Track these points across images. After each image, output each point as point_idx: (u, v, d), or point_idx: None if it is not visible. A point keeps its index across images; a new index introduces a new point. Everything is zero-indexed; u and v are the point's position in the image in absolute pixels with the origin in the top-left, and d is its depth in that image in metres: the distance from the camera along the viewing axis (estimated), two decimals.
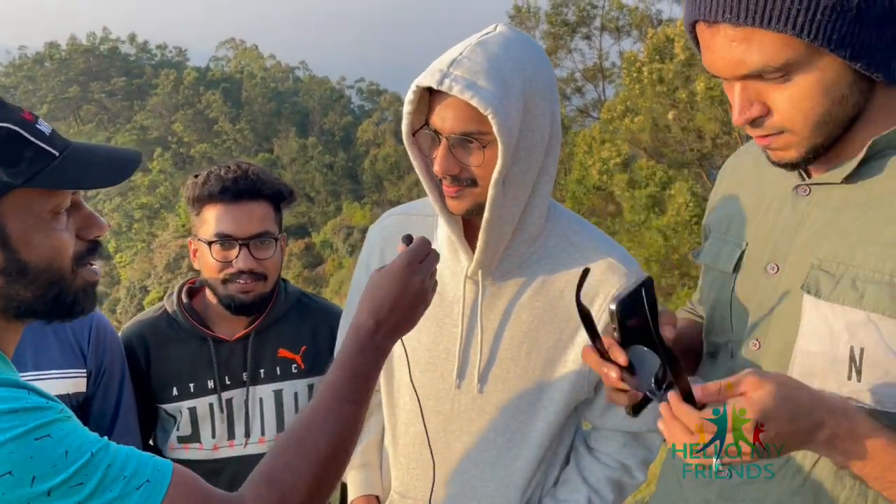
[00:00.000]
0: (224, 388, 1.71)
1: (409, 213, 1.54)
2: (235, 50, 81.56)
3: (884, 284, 0.95)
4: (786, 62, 0.92)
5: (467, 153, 1.25)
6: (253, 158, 59.59)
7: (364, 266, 1.55)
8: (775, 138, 1.00)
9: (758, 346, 1.10)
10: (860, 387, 0.98)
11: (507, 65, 1.21)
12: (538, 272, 1.39)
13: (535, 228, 1.37)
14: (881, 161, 1.00)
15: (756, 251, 1.13)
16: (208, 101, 66.84)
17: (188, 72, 71.23)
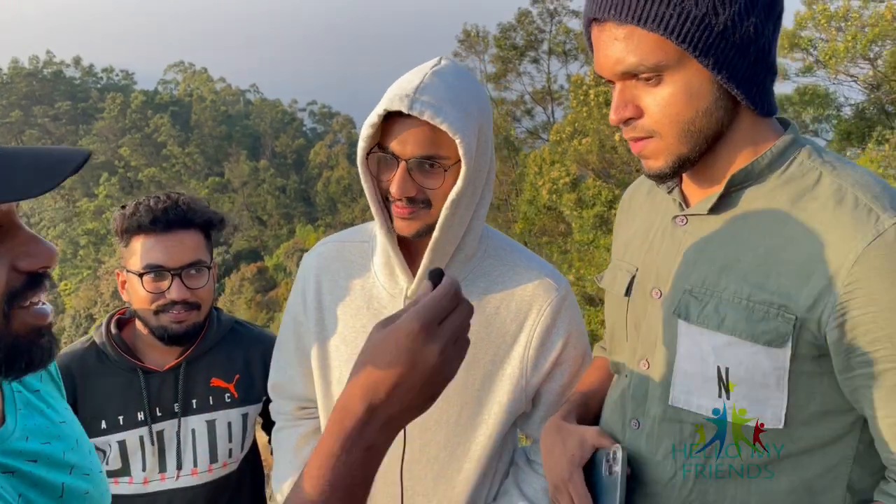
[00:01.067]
0: (155, 420, 1.69)
1: (345, 240, 1.57)
2: (184, 73, 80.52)
3: (741, 308, 1.05)
4: (658, 63, 1.02)
5: (425, 176, 1.31)
6: (203, 182, 58.77)
7: (299, 297, 1.56)
8: (646, 143, 1.09)
9: (647, 366, 1.20)
10: (730, 403, 1.08)
11: (464, 94, 1.30)
12: (474, 291, 1.45)
13: (472, 249, 1.44)
14: (739, 194, 1.11)
15: (644, 277, 1.23)
16: (156, 125, 65.75)
17: (135, 95, 69.98)
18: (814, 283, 1.01)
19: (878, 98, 16.84)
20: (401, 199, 1.32)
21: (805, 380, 1.05)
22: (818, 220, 1.03)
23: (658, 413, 1.17)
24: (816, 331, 1.02)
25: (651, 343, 1.19)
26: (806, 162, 1.08)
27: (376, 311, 1.47)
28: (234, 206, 53.35)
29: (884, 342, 0.98)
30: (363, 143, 1.33)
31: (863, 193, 1.02)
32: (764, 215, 1.08)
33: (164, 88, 78.48)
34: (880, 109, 16.83)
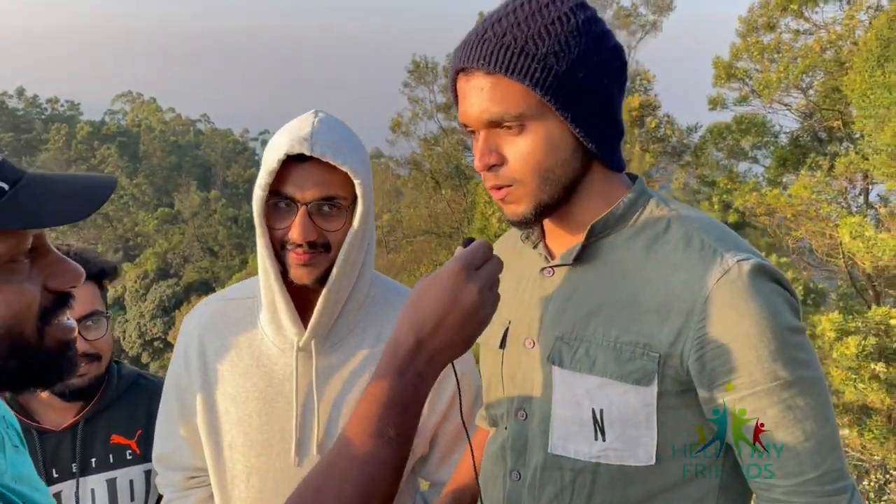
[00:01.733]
0: (51, 482, 1.64)
1: (228, 298, 1.55)
2: (132, 103, 79.34)
3: (610, 350, 1.12)
4: (521, 113, 1.10)
5: (325, 219, 1.32)
6: (152, 213, 57.69)
7: (181, 361, 1.52)
8: (508, 191, 1.16)
9: (525, 416, 1.24)
10: (605, 445, 1.14)
11: (353, 139, 1.35)
12: (366, 339, 1.44)
13: (363, 295, 1.44)
14: (598, 243, 1.19)
15: (517, 328, 1.28)
16: (103, 156, 64.46)
17: (81, 126, 68.58)
18: (672, 321, 1.09)
19: (811, 126, 17.63)
20: (301, 245, 1.32)
21: (671, 415, 1.12)
22: (670, 263, 1.12)
23: (538, 462, 1.21)
24: (679, 366, 1.10)
25: (527, 393, 1.24)
26: (655, 211, 1.19)
27: (266, 368, 1.44)
28: (184, 238, 52.43)
29: (739, 371, 1.06)
30: (262, 191, 1.32)
31: (707, 236, 1.13)
32: (623, 261, 1.16)
33: (112, 119, 77.10)
34: (813, 137, 17.61)
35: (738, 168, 18.29)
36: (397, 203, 27.97)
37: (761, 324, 1.05)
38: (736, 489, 1.17)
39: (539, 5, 1.11)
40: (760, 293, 1.06)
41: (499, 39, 1.09)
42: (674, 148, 18.87)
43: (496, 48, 1.09)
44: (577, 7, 1.12)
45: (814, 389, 1.08)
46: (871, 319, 10.31)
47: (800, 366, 1.07)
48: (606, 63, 1.13)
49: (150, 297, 46.73)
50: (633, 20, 20.98)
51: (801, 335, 1.09)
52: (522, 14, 1.10)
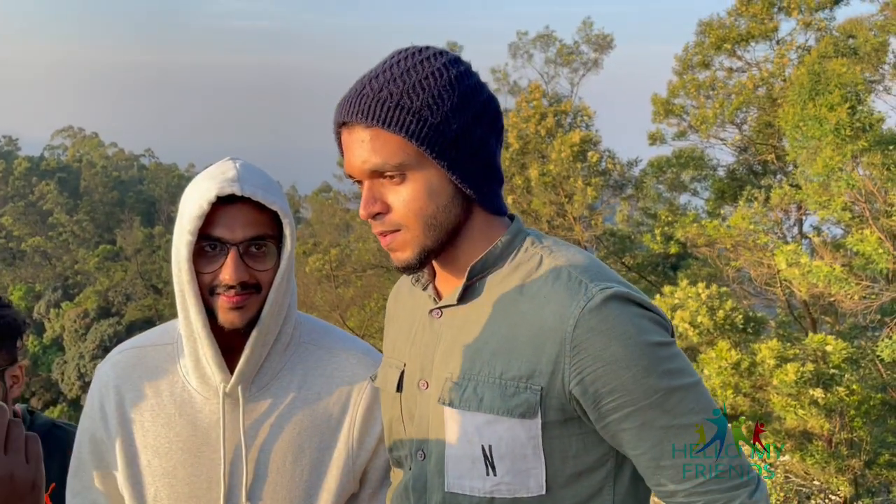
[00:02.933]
0: None
1: (145, 345, 1.51)
2: (73, 138, 77.54)
3: (495, 387, 1.17)
4: (401, 162, 1.16)
5: (254, 259, 1.34)
6: (93, 251, 56.09)
7: (97, 414, 1.47)
8: (394, 237, 1.21)
9: (423, 457, 1.27)
10: (497, 479, 1.17)
11: (273, 183, 1.37)
12: (293, 380, 1.44)
13: (287, 337, 1.44)
14: (480, 283, 1.24)
15: (411, 370, 1.31)
16: (42, 192, 62.62)
17: (19, 161, 66.60)
18: (548, 352, 1.15)
19: (746, 159, 18.28)
20: (233, 287, 1.32)
21: (557, 444, 1.17)
22: (542, 296, 1.18)
23: (438, 501, 1.24)
24: (561, 394, 1.15)
25: (424, 433, 1.27)
26: (530, 248, 1.24)
27: (190, 416, 1.42)
28: (126, 275, 51.01)
29: (619, 391, 1.12)
30: (192, 236, 1.31)
31: (573, 269, 1.19)
32: (502, 298, 1.22)
33: (52, 154, 75.14)
34: (749, 170, 18.26)
35: (679, 200, 18.80)
36: (346, 237, 27.85)
37: (628, 344, 1.11)
38: None
39: (414, 62, 1.17)
40: (623, 315, 1.13)
41: (375, 94, 1.15)
42: (616, 181, 19.30)
43: (373, 102, 1.15)
44: (449, 63, 1.18)
45: (693, 394, 1.15)
46: (809, 346, 10.63)
47: (675, 375, 1.14)
48: (480, 114, 1.19)
49: (90, 336, 45.17)
50: (575, 58, 21.54)
51: (669, 347, 1.16)
52: (398, 70, 1.17)
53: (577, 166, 17.40)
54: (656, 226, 17.33)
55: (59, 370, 44.76)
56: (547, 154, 17.91)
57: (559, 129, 18.48)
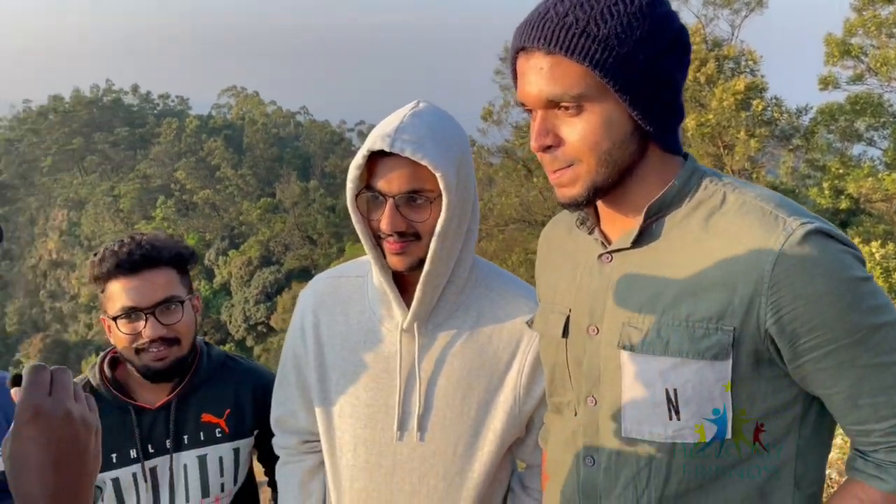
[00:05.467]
0: (147, 457, 1.71)
1: (340, 275, 1.63)
2: (237, 97, 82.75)
3: (681, 329, 1.11)
4: (580, 94, 1.09)
5: (412, 210, 1.37)
6: (255, 203, 60.08)
7: (297, 332, 1.61)
8: (563, 172, 1.16)
9: (594, 403, 1.24)
10: (681, 424, 1.14)
11: (442, 132, 1.37)
12: (466, 321, 1.50)
13: (462, 280, 1.49)
14: (657, 224, 1.18)
15: (578, 316, 1.27)
16: (210, 149, 67.66)
17: (190, 120, 72.21)
18: (742, 291, 1.09)
19: None
20: (392, 235, 1.38)
21: (746, 387, 1.12)
22: (731, 233, 1.11)
23: (612, 447, 1.22)
24: (756, 334, 1.10)
25: (595, 379, 1.24)
26: (710, 186, 1.18)
27: (373, 344, 1.52)
28: (285, 226, 54.39)
29: (820, 329, 1.07)
30: (351, 184, 1.40)
31: (766, 204, 1.12)
32: (683, 239, 1.15)
33: (218, 112, 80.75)
34: None
35: (852, 151, 17.21)
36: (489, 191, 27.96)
37: (832, 280, 1.06)
38: (815, 452, 1.18)
39: None
40: (826, 251, 1.07)
41: (560, 19, 1.08)
42: (782, 131, 17.90)
43: (557, 28, 1.08)
44: None
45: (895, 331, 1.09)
46: None
47: (878, 312, 1.08)
48: (669, 46, 1.12)
49: (253, 283, 48.78)
50: None
51: (871, 283, 1.10)
52: None
53: (741, 115, 16.28)
54: (825, 179, 16.01)
55: (226, 313, 48.81)
56: (706, 103, 16.90)
57: (720, 76, 17.36)
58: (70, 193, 69.43)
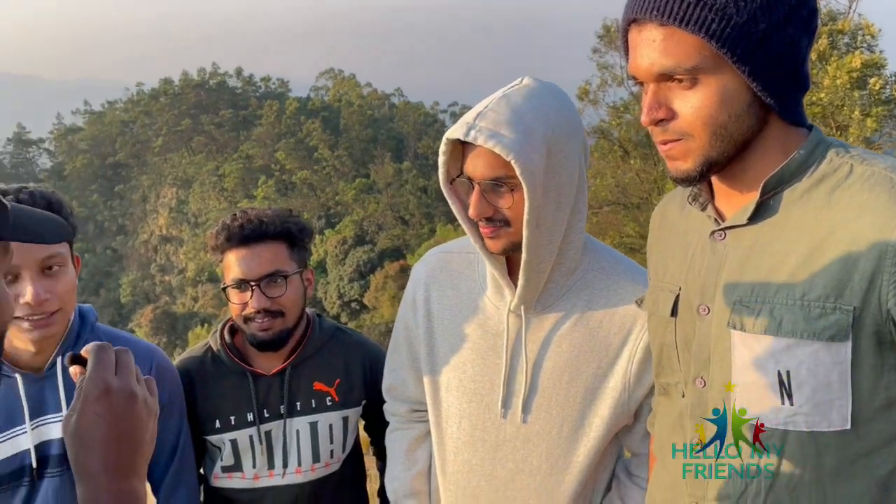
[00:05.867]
0: (263, 421, 1.79)
1: (452, 251, 1.64)
2: (334, 80, 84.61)
3: (796, 309, 1.05)
4: (695, 65, 1.03)
5: (498, 196, 1.35)
6: (350, 184, 61.46)
7: (409, 305, 1.64)
8: (675, 145, 1.10)
9: (703, 384, 1.19)
10: (794, 409, 1.07)
11: (529, 114, 1.32)
12: (577, 303, 1.47)
13: (573, 262, 1.46)
14: (775, 199, 1.11)
15: (688, 295, 1.22)
16: (308, 130, 69.58)
17: (290, 102, 74.46)
18: (863, 268, 1.01)
19: None
20: (481, 220, 1.38)
21: (867, 372, 1.04)
22: (856, 206, 1.04)
23: None
24: (877, 313, 1.02)
25: (704, 360, 1.18)
26: (835, 159, 1.10)
27: (481, 321, 1.52)
28: (378, 207, 55.44)
29: None
30: (441, 168, 1.40)
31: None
32: (802, 214, 1.08)
33: (316, 95, 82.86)
34: None
35: None
36: None
37: None
38: None
39: None
40: None
41: None
42: None
43: None
44: None
45: None
46: None
47: None
48: (793, 11, 1.04)
49: (348, 261, 50.11)
50: None
51: None
52: None
53: (855, 94, 15.23)
54: None
55: (322, 290, 50.35)
56: (818, 81, 15.91)
57: (833, 52, 16.28)
58: (179, 172, 73.17)
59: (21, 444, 1.53)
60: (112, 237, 75.14)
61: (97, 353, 0.87)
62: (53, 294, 1.47)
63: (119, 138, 77.62)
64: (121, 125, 78.99)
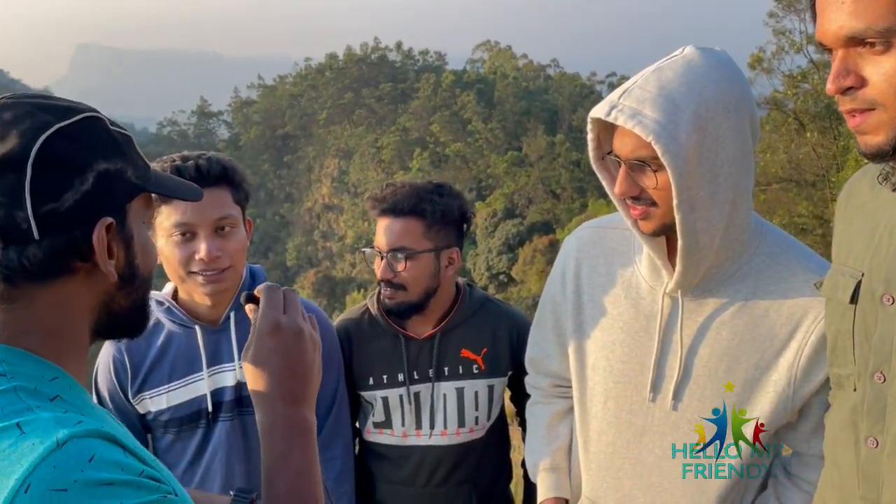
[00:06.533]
0: (412, 382, 1.87)
1: (607, 226, 1.58)
2: (490, 52, 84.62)
3: None
4: (889, 27, 0.93)
5: (644, 176, 1.30)
6: (502, 156, 61.53)
7: (558, 279, 1.61)
8: (865, 116, 0.99)
9: (882, 380, 1.08)
10: None
11: (680, 89, 1.25)
12: (741, 290, 1.38)
13: (739, 246, 1.37)
14: None
15: (871, 282, 1.10)
16: (463, 103, 70.25)
17: (446, 75, 75.41)
18: None
19: None
20: (628, 199, 1.34)
21: None
22: None
23: None
24: None
25: (886, 353, 1.08)
26: None
27: (634, 301, 1.46)
28: (529, 180, 55.14)
29: None
30: (590, 145, 1.37)
31: None
32: None
33: (472, 67, 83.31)
34: None
35: None
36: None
37: None
38: None
39: None
40: None
41: None
42: None
43: None
44: None
45: None
46: None
47: None
48: None
49: (497, 234, 50.40)
50: None
51: None
52: None
53: None
54: None
55: (471, 261, 51.07)
56: None
57: None
58: (341, 144, 76.70)
59: (199, 389, 1.67)
60: (280, 204, 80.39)
61: (268, 292, 0.96)
62: (225, 252, 1.59)
63: (288, 111, 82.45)
64: (290, 98, 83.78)
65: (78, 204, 0.78)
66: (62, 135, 0.78)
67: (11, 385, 0.74)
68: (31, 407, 0.72)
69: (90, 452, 0.67)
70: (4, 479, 0.65)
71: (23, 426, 0.69)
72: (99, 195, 0.80)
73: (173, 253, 1.59)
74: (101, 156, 0.81)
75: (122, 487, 0.67)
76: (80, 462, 0.66)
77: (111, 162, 0.82)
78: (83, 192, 0.78)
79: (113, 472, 0.67)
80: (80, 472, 0.66)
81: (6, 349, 0.77)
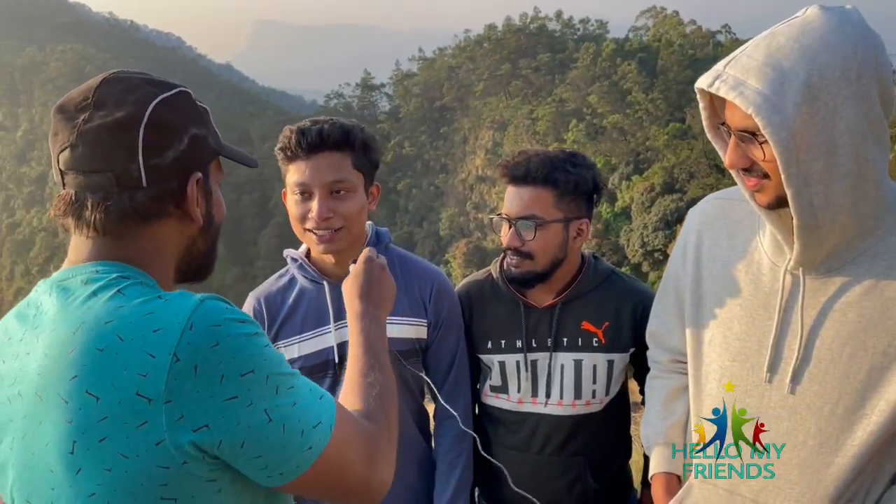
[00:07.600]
0: (530, 350, 1.87)
1: (731, 198, 1.52)
2: (655, 18, 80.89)
3: None
4: None
5: (753, 148, 1.24)
6: (663, 128, 58.94)
7: (679, 251, 1.57)
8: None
9: None
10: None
11: (791, 56, 1.17)
12: (872, 269, 1.28)
13: (871, 221, 1.27)
14: None
15: None
16: (623, 73, 67.89)
17: (607, 44, 73.19)
18: None
19: None
20: (739, 171, 1.29)
21: None
22: None
23: None
24: None
25: None
26: None
27: (755, 277, 1.40)
28: (692, 153, 52.36)
29: None
30: (703, 114, 1.33)
31: None
32: None
33: (635, 35, 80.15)
34: None
35: None
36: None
37: None
38: None
39: None
40: None
41: None
42: None
43: None
44: None
45: None
46: None
47: None
48: None
49: (654, 209, 48.50)
50: None
51: None
52: None
53: None
54: None
55: (625, 237, 49.65)
56: None
57: None
58: (496, 116, 76.85)
59: (327, 341, 1.78)
60: (435, 175, 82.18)
61: (367, 252, 1.39)
62: (337, 214, 1.67)
63: (446, 83, 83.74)
64: (448, 70, 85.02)
65: (177, 160, 0.97)
66: (165, 104, 0.97)
67: (138, 281, 0.95)
68: (160, 294, 0.92)
69: (224, 305, 0.91)
70: (164, 325, 0.86)
71: (163, 296, 0.91)
72: (191, 154, 0.99)
73: (294, 209, 1.71)
74: (192, 123, 1.00)
75: (252, 325, 0.92)
76: (220, 310, 0.90)
77: (199, 128, 1.01)
78: (180, 151, 0.98)
79: (244, 316, 0.92)
80: (224, 315, 0.89)
81: (123, 265, 0.97)
